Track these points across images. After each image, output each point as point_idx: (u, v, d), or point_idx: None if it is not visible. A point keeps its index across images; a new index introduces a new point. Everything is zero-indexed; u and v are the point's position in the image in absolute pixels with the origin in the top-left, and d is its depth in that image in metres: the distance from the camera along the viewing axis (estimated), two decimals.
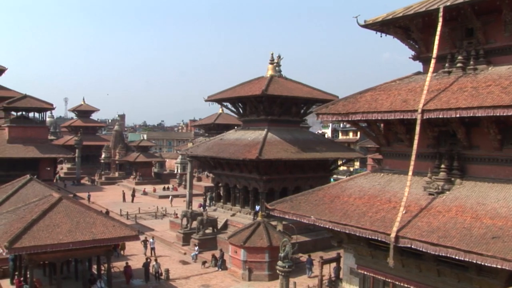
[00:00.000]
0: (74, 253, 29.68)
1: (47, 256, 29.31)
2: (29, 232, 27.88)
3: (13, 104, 55.74)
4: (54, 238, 27.96)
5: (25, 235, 27.57)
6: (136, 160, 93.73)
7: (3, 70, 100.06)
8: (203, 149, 50.99)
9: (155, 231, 51.60)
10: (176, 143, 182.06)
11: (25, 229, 27.94)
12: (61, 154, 58.01)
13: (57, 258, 29.49)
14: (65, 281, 31.70)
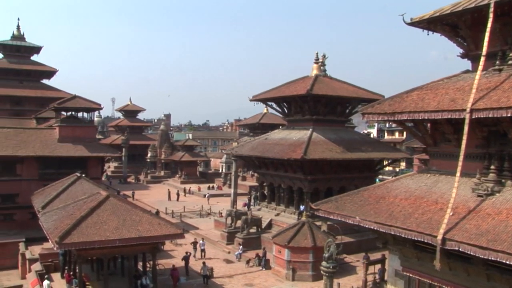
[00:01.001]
0: (121, 249, 30.25)
1: (95, 252, 30.00)
2: (78, 228, 28.59)
3: (63, 104, 57.06)
4: (102, 234, 28.57)
5: (74, 231, 28.28)
6: (181, 159, 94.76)
7: (54, 72, 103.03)
8: (248, 149, 51.16)
9: (199, 230, 52.06)
10: (221, 142, 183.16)
11: (74, 225, 28.66)
12: (108, 153, 58.98)
13: (104, 254, 30.12)
14: (111, 277, 32.31)
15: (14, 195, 51.72)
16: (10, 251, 45.84)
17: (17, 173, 52.15)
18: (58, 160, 52.69)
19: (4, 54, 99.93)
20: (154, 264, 32.01)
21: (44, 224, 32.45)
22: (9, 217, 51.72)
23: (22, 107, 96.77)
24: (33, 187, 48.82)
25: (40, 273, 36.27)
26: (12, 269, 44.48)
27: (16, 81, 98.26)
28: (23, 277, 41.35)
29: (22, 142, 52.97)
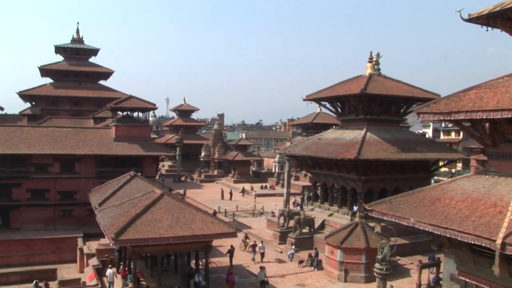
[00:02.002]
0: (174, 247, 30.71)
1: (149, 249, 30.57)
2: (133, 225, 29.20)
3: (119, 104, 58.40)
4: (156, 232, 29.08)
5: (129, 228, 28.90)
6: (234, 159, 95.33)
7: (111, 73, 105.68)
8: (301, 149, 51.00)
9: (252, 229, 52.25)
10: (274, 142, 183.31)
11: (129, 222, 29.28)
12: (163, 152, 59.96)
13: (158, 251, 30.65)
14: (165, 273, 32.79)
15: (73, 192, 53.38)
16: (69, 246, 47.50)
17: (76, 171, 53.75)
18: (114, 158, 54.00)
19: (65, 56, 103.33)
20: (206, 262, 32.33)
21: (101, 220, 33.30)
22: (68, 213, 53.40)
23: (80, 107, 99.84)
24: (91, 185, 50.23)
25: (97, 267, 37.34)
26: (71, 263, 46.08)
27: (75, 83, 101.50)
28: (81, 270, 42.69)
29: (80, 141, 54.58)
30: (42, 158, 52.45)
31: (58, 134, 55.34)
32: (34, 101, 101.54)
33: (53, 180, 53.04)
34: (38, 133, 55.15)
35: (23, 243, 48.48)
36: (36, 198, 52.73)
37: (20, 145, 52.46)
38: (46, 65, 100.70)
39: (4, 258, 46.98)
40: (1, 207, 52.32)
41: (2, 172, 51.54)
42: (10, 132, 54.44)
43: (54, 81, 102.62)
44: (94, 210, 37.92)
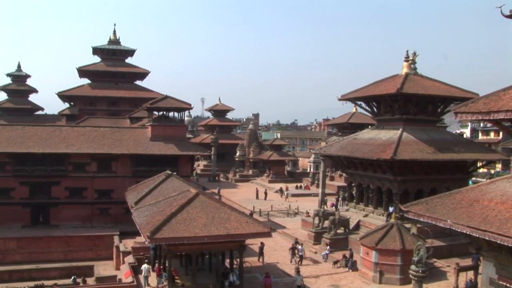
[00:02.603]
0: (209, 246, 30.89)
1: (184, 248, 30.85)
2: (168, 224, 29.49)
3: (155, 104, 59.02)
4: (191, 231, 29.29)
5: (165, 227, 29.20)
6: (269, 159, 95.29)
7: (147, 73, 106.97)
8: (336, 149, 50.71)
9: (286, 229, 52.18)
10: (309, 142, 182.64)
11: (165, 221, 29.59)
12: (198, 151, 60.37)
13: (192, 250, 30.88)
14: (199, 272, 33.00)
15: (109, 191, 54.33)
16: (105, 243, 48.34)
17: (113, 170, 54.66)
18: (150, 158, 54.67)
19: (102, 57, 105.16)
20: (241, 261, 32.42)
21: (137, 219, 33.72)
22: (105, 211, 54.36)
23: (117, 107, 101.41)
24: (127, 184, 50.94)
25: (132, 265, 37.79)
26: (108, 260, 46.86)
27: (112, 83, 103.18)
28: (117, 268, 43.33)
29: (117, 140, 55.43)
30: (80, 157, 53.55)
31: (96, 134, 56.33)
32: (72, 101, 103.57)
33: (90, 179, 54.08)
34: (76, 133, 56.27)
35: (62, 239, 49.69)
36: (74, 196, 53.89)
37: (59, 144, 53.63)
38: (84, 66, 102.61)
39: (44, 254, 48.35)
40: (41, 205, 53.70)
41: (42, 171, 52.90)
42: (50, 132, 55.72)
43: (92, 82, 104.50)
44: (130, 208, 38.43)
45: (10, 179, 52.72)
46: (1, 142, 52.73)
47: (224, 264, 34.52)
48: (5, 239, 48.72)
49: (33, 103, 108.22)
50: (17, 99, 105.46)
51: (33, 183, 53.34)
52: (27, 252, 48.43)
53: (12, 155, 52.40)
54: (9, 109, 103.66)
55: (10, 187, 52.84)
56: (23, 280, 43.02)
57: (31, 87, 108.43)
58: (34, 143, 53.29)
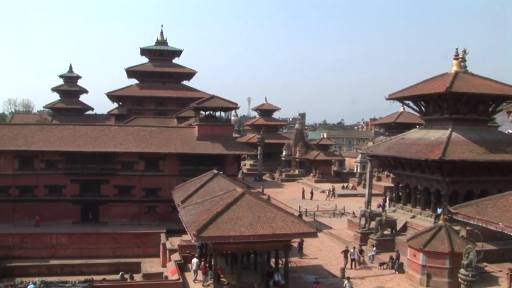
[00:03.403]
0: (254, 245, 30.99)
1: (230, 247, 31.04)
2: (214, 223, 29.73)
3: (202, 104, 59.53)
4: (237, 230, 29.44)
5: (211, 226, 29.45)
6: (316, 158, 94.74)
7: (193, 73, 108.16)
8: (383, 149, 50.02)
9: (332, 229, 51.81)
10: (356, 141, 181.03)
11: (211, 220, 29.84)
12: (244, 151, 60.65)
13: (238, 249, 31.02)
14: (244, 271, 33.12)
15: (156, 190, 55.22)
16: (152, 241, 49.25)
17: (160, 169, 55.50)
18: (197, 157, 55.22)
19: (149, 58, 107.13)
20: (286, 261, 32.35)
21: (183, 217, 34.11)
22: (152, 209, 55.26)
23: (164, 107, 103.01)
24: (174, 182, 51.63)
25: (179, 263, 38.27)
26: (154, 257, 47.74)
27: (160, 83, 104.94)
28: (163, 265, 44.03)
29: (164, 140, 56.25)
30: (128, 156, 54.64)
31: (143, 133, 57.31)
32: (121, 101, 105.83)
33: (138, 177, 55.11)
34: (124, 132, 57.38)
35: (111, 236, 50.87)
36: (123, 194, 55.06)
37: (108, 143, 54.84)
38: (132, 66, 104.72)
39: (93, 250, 49.79)
40: (91, 202, 55.14)
41: (92, 169, 54.30)
42: (99, 131, 57.06)
43: (140, 82, 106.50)
44: (177, 207, 38.88)
45: (61, 176, 54.40)
46: (53, 141, 54.40)
47: (269, 263, 34.55)
48: (57, 234, 50.55)
49: (83, 103, 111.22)
50: (69, 99, 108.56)
51: (84, 181, 54.83)
52: (78, 247, 50.02)
53: (64, 154, 54.02)
54: (61, 109, 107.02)
55: (62, 185, 54.57)
56: (73, 274, 44.41)
57: (82, 88, 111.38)
58: (85, 142, 54.69)
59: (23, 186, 54.35)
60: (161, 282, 37.14)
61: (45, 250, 49.62)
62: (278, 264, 33.87)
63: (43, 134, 55.77)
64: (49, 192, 54.70)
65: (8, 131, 56.01)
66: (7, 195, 54.07)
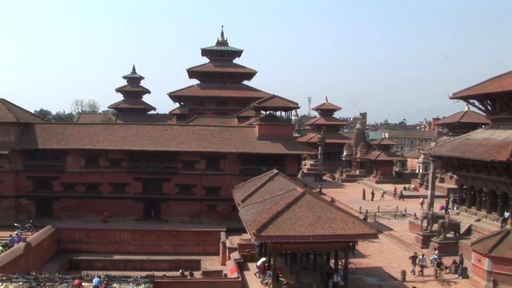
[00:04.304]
0: (314, 246, 30.82)
1: (289, 247, 30.99)
2: (274, 222, 29.78)
3: (263, 104, 59.66)
4: (296, 230, 29.38)
5: (271, 225, 29.52)
6: (377, 159, 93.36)
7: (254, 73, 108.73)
8: (447, 149, 48.72)
9: (393, 231, 50.95)
10: (418, 142, 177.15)
11: (271, 219, 29.90)
12: (305, 150, 60.36)
13: (297, 249, 30.93)
14: (303, 271, 32.99)
15: (217, 188, 55.85)
16: (212, 239, 49.89)
17: (221, 168, 56.09)
18: (257, 156, 55.42)
19: (210, 58, 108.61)
20: (346, 262, 32.02)
21: (243, 216, 34.31)
22: (213, 208, 55.93)
23: (225, 106, 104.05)
24: (234, 182, 52.09)
25: (238, 261, 38.51)
26: (214, 255, 48.36)
27: (220, 83, 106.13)
28: (223, 263, 44.46)
29: (225, 139, 56.76)
30: (189, 155, 55.47)
31: (205, 133, 58.02)
32: (182, 101, 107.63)
33: (199, 176, 55.88)
34: (186, 132, 58.30)
35: (172, 234, 51.83)
36: (184, 193, 56.00)
37: (170, 142, 55.86)
38: (193, 67, 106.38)
39: (155, 247, 50.90)
40: (153, 200, 56.37)
41: (154, 168, 55.49)
42: (161, 131, 58.21)
43: (201, 82, 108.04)
44: (237, 206, 39.14)
45: (125, 175, 55.88)
46: (117, 140, 55.92)
47: (328, 264, 34.30)
48: (120, 231, 52.00)
49: (146, 103, 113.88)
50: (132, 99, 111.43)
51: (146, 179, 56.11)
52: (140, 243, 51.26)
53: (127, 152, 55.47)
54: (124, 109, 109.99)
55: (125, 183, 56.07)
56: (135, 270, 45.53)
57: (145, 88, 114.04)
58: (147, 141, 55.93)
59: (89, 183, 56.30)
60: (221, 280, 37.48)
61: (109, 246, 51.25)
62: (338, 265, 33.57)
63: (108, 134, 57.45)
64: (113, 190, 56.35)
65: (75, 131, 58.07)
66: (74, 191, 56.21)
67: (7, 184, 55.65)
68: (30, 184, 56.32)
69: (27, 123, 58.34)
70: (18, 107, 61.97)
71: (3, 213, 55.49)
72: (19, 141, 55.58)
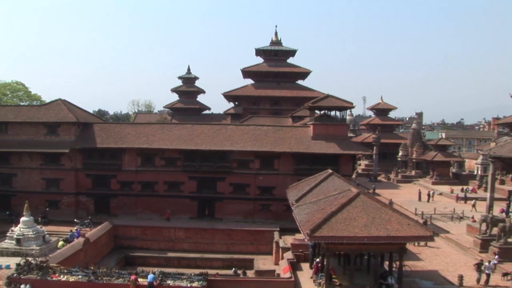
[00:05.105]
0: (368, 247, 30.50)
1: (343, 247, 30.79)
2: (328, 223, 29.72)
3: (317, 103, 59.27)
4: (350, 231, 29.18)
5: (325, 226, 29.46)
6: (433, 159, 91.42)
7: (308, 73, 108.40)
8: (508, 150, 47.30)
9: (450, 234, 49.76)
10: (477, 142, 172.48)
11: (325, 220, 29.84)
12: (359, 151, 59.66)
13: (351, 250, 30.73)
14: (357, 272, 32.74)
15: (271, 188, 56.01)
16: (266, 239, 50.13)
17: (275, 167, 56.19)
18: (312, 156, 55.25)
19: (264, 58, 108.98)
20: (400, 264, 31.55)
21: (297, 216, 34.33)
22: (267, 207, 56.14)
23: (279, 106, 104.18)
24: (288, 181, 52.20)
25: (291, 261, 38.53)
26: (267, 255, 48.56)
27: (275, 83, 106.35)
28: (276, 263, 44.59)
29: (279, 139, 56.81)
30: (244, 155, 55.83)
31: (259, 132, 58.20)
32: (237, 101, 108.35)
33: (253, 176, 56.14)
34: (240, 131, 58.64)
35: (225, 232, 52.35)
36: (238, 192, 56.45)
37: (225, 142, 56.36)
38: (247, 67, 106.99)
39: (209, 245, 51.60)
40: (208, 199, 57.06)
41: (208, 167, 56.13)
42: (216, 130, 58.80)
43: (255, 82, 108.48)
44: (291, 205, 39.17)
45: (180, 173, 56.78)
46: (173, 140, 56.87)
47: (382, 266, 33.87)
48: (175, 229, 52.94)
49: (200, 103, 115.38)
50: (187, 99, 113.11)
51: (201, 178, 56.84)
52: (194, 242, 52.10)
53: (183, 152, 56.29)
54: (179, 109, 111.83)
55: (180, 181, 56.98)
56: (189, 267, 46.29)
57: (199, 88, 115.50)
58: (202, 140, 56.61)
59: (145, 182, 57.53)
60: (273, 280, 37.60)
61: (164, 243, 52.30)
62: (392, 267, 33.11)
63: (163, 133, 58.48)
64: (168, 188, 57.37)
65: (132, 130, 59.43)
66: (130, 189, 57.59)
67: (67, 182, 57.69)
68: (89, 181, 58.11)
69: (86, 122, 60.21)
70: (77, 107, 64.15)
71: (63, 209, 57.65)
72: (79, 140, 57.43)
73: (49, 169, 57.95)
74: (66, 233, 49.58)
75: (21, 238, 43.79)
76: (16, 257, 40.24)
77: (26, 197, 52.94)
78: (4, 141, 57.76)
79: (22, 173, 58.25)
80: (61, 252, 41.58)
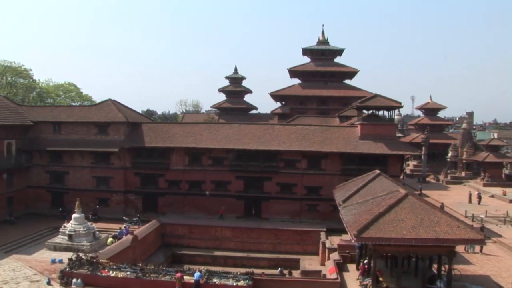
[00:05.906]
0: (416, 249, 30.08)
1: (390, 249, 30.49)
2: (375, 224, 29.49)
3: (365, 103, 58.69)
4: (398, 232, 28.87)
5: (372, 227, 29.24)
6: (485, 160, 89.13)
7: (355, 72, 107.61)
8: None
9: (502, 238, 48.46)
10: None
11: (372, 221, 29.62)
12: (408, 151, 58.80)
13: (399, 252, 30.38)
14: (404, 275, 32.36)
15: (318, 188, 55.85)
16: (312, 239, 50.06)
17: (322, 167, 56.03)
18: (359, 156, 54.81)
19: (311, 58, 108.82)
20: (449, 268, 31.01)
21: (344, 217, 34.16)
22: (313, 207, 56.03)
23: (326, 106, 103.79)
24: (335, 181, 52.00)
25: (337, 262, 38.36)
26: (313, 255, 48.51)
27: (322, 82, 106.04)
28: (322, 263, 44.49)
29: (326, 139, 56.57)
30: (291, 155, 55.87)
31: (306, 132, 58.11)
32: (283, 100, 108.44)
33: (300, 176, 56.11)
34: (287, 131, 58.69)
35: (272, 232, 52.47)
36: (285, 192, 56.54)
37: (272, 142, 56.51)
38: (294, 67, 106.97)
39: (255, 244, 51.83)
40: (254, 198, 57.31)
41: (255, 167, 56.42)
42: (263, 130, 59.01)
43: (302, 82, 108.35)
44: (338, 206, 38.98)
45: (227, 173, 57.24)
46: (220, 139, 57.38)
47: (431, 269, 33.34)
48: (221, 228, 53.40)
49: (247, 103, 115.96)
50: (234, 99, 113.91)
51: (247, 178, 57.17)
52: (240, 241, 52.41)
53: (230, 151, 56.68)
54: (227, 109, 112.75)
55: (227, 181, 57.45)
56: (235, 266, 46.61)
57: (246, 88, 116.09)
58: (249, 140, 56.90)
59: (192, 181, 58.25)
60: (319, 280, 37.47)
61: (210, 242, 52.82)
62: (441, 270, 32.58)
63: (211, 133, 59.07)
64: (216, 187, 57.90)
65: (180, 130, 60.28)
66: (178, 188, 58.44)
67: (117, 180, 59.05)
68: (137, 180, 59.28)
69: (135, 122, 61.43)
70: (126, 107, 65.58)
71: (113, 207, 59.02)
72: (128, 139, 58.64)
73: (99, 167, 59.45)
74: (115, 230, 50.78)
75: (72, 234, 45.21)
76: (68, 252, 41.64)
77: (78, 194, 54.60)
78: (58, 140, 59.64)
79: (74, 171, 59.96)
80: (110, 249, 42.67)
